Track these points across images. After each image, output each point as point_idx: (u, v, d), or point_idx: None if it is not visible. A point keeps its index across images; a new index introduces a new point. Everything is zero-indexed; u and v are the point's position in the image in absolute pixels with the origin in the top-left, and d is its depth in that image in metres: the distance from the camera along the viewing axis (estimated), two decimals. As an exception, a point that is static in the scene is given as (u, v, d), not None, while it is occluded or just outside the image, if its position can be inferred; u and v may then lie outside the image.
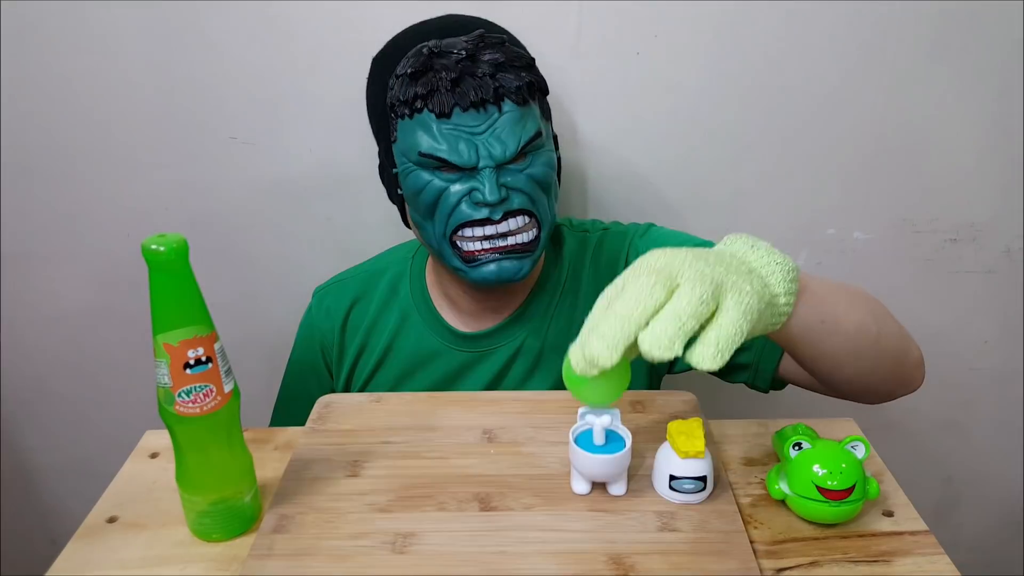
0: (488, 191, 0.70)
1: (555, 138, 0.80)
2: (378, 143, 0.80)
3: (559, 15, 0.91)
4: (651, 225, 0.85)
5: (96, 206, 1.00)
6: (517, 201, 0.72)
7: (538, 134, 0.73)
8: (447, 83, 0.69)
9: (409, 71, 0.71)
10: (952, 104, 0.97)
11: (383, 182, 0.83)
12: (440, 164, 0.71)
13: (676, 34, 0.92)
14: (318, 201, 1.01)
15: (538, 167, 0.73)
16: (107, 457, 0.74)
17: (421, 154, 0.71)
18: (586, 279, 0.84)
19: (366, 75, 0.95)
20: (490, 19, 0.92)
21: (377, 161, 0.83)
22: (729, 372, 0.80)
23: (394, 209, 0.89)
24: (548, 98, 0.78)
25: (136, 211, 1.01)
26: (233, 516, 0.55)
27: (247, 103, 0.95)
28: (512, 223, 0.72)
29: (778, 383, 0.79)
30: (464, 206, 0.71)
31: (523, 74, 0.71)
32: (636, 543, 0.52)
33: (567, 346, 0.83)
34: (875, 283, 1.08)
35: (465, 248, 0.73)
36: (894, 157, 1.00)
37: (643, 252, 0.82)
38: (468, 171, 0.71)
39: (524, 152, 0.72)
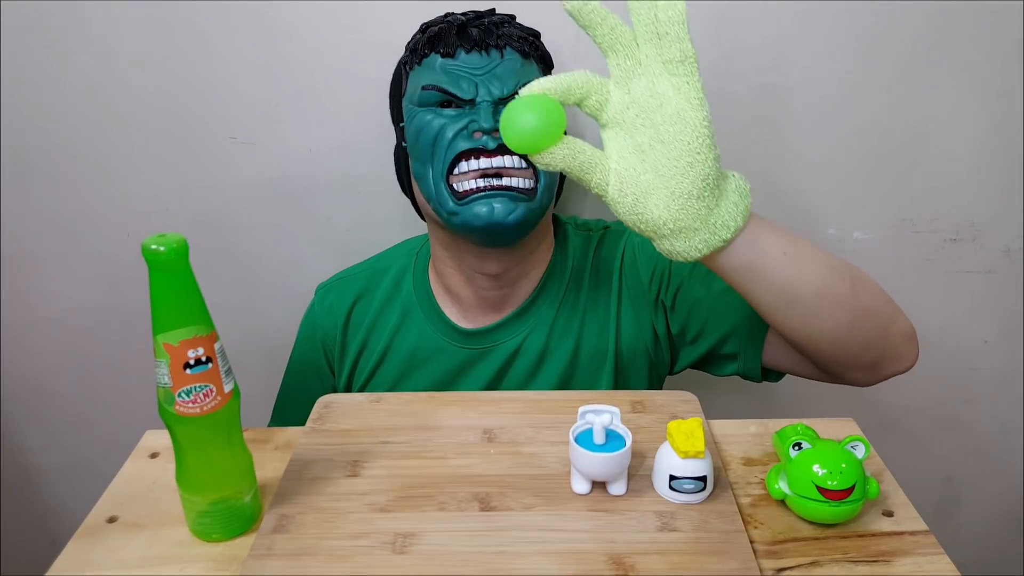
0: (484, 119, 0.72)
1: None
2: (395, 125, 0.83)
3: (559, 15, 0.91)
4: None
5: (96, 206, 1.00)
6: None
7: None
8: (455, 28, 0.75)
9: (422, 30, 0.79)
10: (952, 104, 0.97)
11: (397, 172, 0.84)
12: (441, 100, 0.74)
13: (676, 34, 0.92)
14: (318, 201, 1.01)
15: None
16: (107, 457, 0.74)
17: (424, 87, 0.74)
18: (587, 278, 0.84)
19: (366, 75, 0.95)
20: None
21: (393, 163, 0.85)
22: (718, 364, 0.81)
23: (393, 209, 0.90)
24: None
25: (136, 211, 1.01)
26: (233, 516, 0.55)
27: (247, 103, 0.95)
28: (508, 160, 0.73)
29: (772, 374, 0.79)
30: (461, 139, 0.73)
31: (528, 36, 0.78)
32: (636, 543, 0.52)
33: (570, 346, 0.84)
34: (875, 283, 1.09)
35: (460, 188, 0.73)
36: (894, 157, 1.00)
37: (639, 251, 0.82)
38: (467, 106, 0.74)
39: None
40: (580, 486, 0.57)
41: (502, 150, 0.72)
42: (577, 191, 1.02)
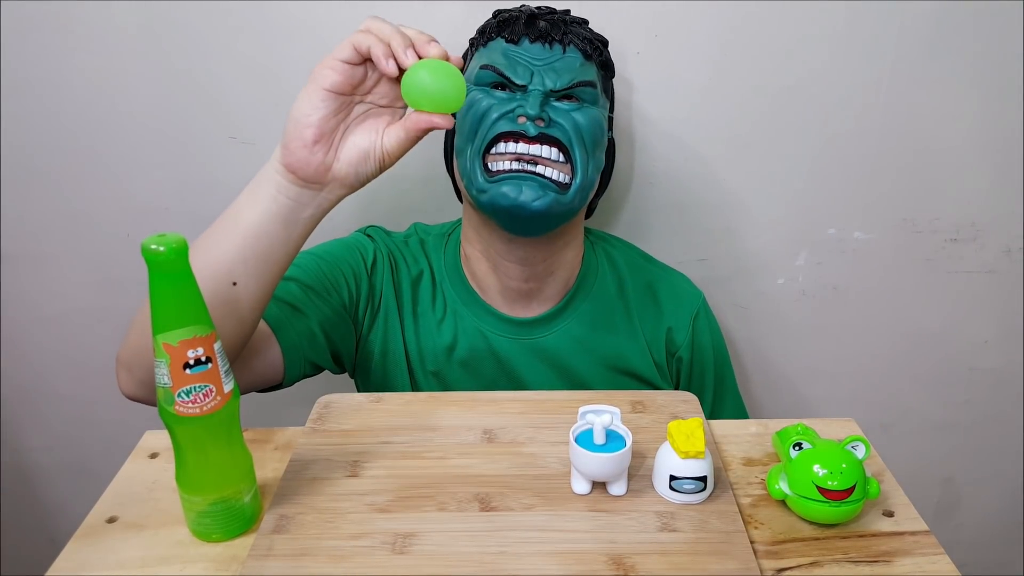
0: (530, 106, 0.73)
1: (610, 120, 0.83)
2: None
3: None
4: (707, 308, 0.91)
5: (96, 206, 1.00)
6: (556, 132, 0.73)
7: (593, 85, 0.76)
8: (524, 17, 0.77)
9: (495, 15, 0.80)
10: (952, 104, 0.97)
11: (444, 147, 0.86)
12: (495, 82, 0.75)
13: (676, 34, 0.92)
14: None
15: (585, 117, 0.75)
16: (107, 457, 0.74)
17: (482, 67, 0.76)
18: (633, 304, 0.87)
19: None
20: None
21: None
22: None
23: (393, 208, 0.89)
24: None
25: (136, 211, 1.01)
26: (233, 516, 0.54)
27: (247, 103, 0.95)
28: (545, 150, 0.73)
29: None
30: (504, 121, 0.74)
31: (595, 41, 0.78)
32: (636, 543, 0.52)
33: (585, 355, 0.85)
34: (875, 283, 1.09)
35: (494, 167, 0.74)
36: (894, 157, 1.00)
37: (699, 337, 0.88)
38: (519, 91, 0.75)
39: (575, 95, 0.75)
40: (580, 486, 0.57)
41: (542, 139, 0.73)
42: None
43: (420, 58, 0.59)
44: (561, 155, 0.74)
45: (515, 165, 0.73)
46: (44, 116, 0.95)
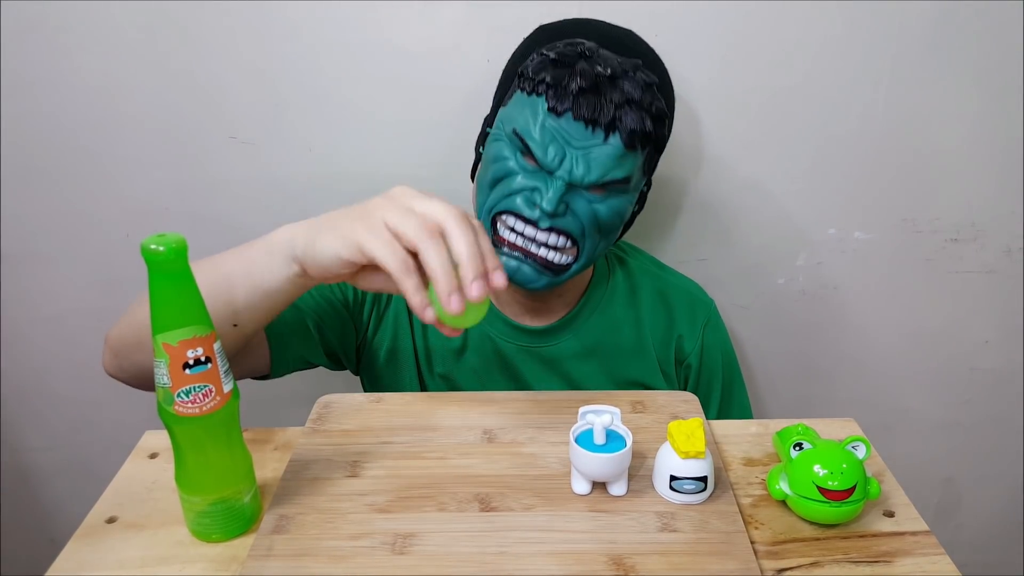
0: (547, 200, 0.70)
1: (645, 191, 0.81)
2: (494, 99, 0.82)
3: (559, 16, 0.91)
4: (717, 316, 0.90)
5: (96, 206, 1.00)
6: (569, 224, 0.72)
7: (626, 180, 0.73)
8: (576, 87, 0.69)
9: (553, 56, 0.71)
10: (952, 104, 0.97)
11: (477, 143, 0.84)
12: (524, 149, 0.72)
13: (676, 34, 0.92)
14: (318, 201, 1.01)
15: (607, 208, 0.73)
16: (107, 457, 0.74)
17: (515, 131, 0.72)
18: (646, 316, 0.87)
19: (366, 75, 0.95)
20: (491, 19, 0.92)
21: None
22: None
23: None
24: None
25: (136, 211, 1.01)
26: (232, 516, 0.54)
27: (247, 103, 0.95)
28: (552, 238, 0.72)
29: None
30: (520, 199, 0.72)
31: (648, 122, 0.71)
32: (636, 543, 0.52)
33: (594, 365, 0.85)
34: (875, 283, 1.09)
35: (500, 233, 0.74)
36: (894, 157, 1.00)
37: (708, 345, 0.87)
38: (545, 172, 0.71)
39: (603, 187, 0.72)
40: (580, 486, 0.57)
41: (551, 229, 0.72)
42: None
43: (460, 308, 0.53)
44: (568, 241, 0.73)
45: (519, 241, 0.73)
46: (44, 116, 0.95)
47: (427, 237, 0.52)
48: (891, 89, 0.96)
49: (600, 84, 0.69)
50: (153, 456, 0.64)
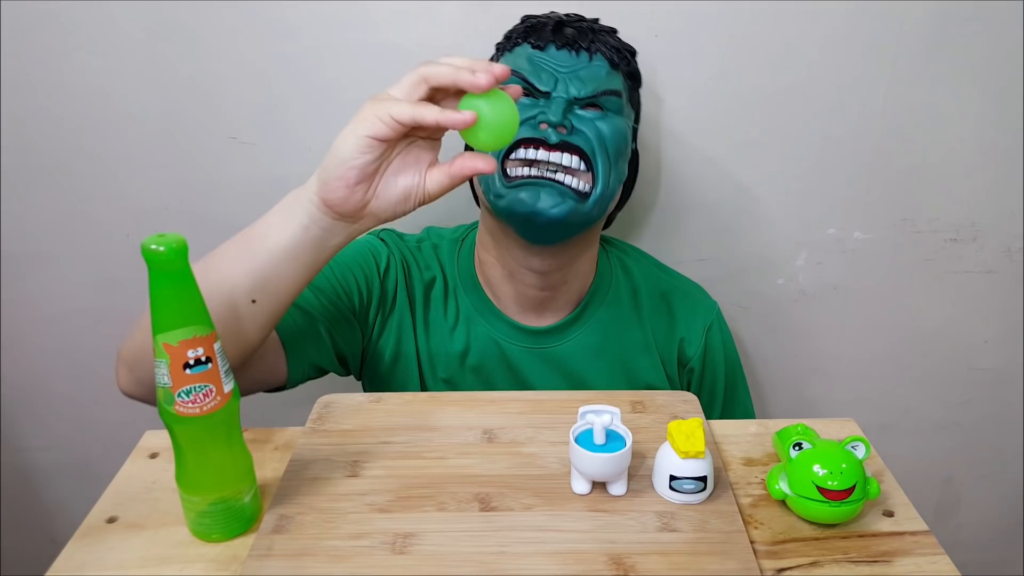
0: (552, 112, 0.72)
1: (635, 131, 0.82)
2: None
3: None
4: (721, 319, 0.90)
5: (96, 206, 1.00)
6: (578, 139, 0.72)
7: (617, 94, 0.75)
8: (551, 24, 0.76)
9: (522, 20, 0.80)
10: (952, 104, 0.97)
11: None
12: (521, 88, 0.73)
13: (676, 34, 0.92)
14: (318, 201, 1.01)
15: (610, 127, 0.74)
16: (107, 457, 0.74)
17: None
18: (646, 314, 0.87)
19: (366, 75, 0.95)
20: (491, 19, 0.92)
21: None
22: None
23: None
24: None
25: (136, 211, 1.01)
26: (233, 516, 0.54)
27: (247, 103, 0.95)
28: (566, 159, 0.72)
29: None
30: (525, 127, 0.72)
31: (622, 51, 0.78)
32: (636, 543, 0.52)
33: (597, 365, 0.85)
34: (875, 283, 1.09)
35: (512, 172, 0.73)
36: (894, 157, 1.00)
37: (711, 349, 0.88)
38: (543, 98, 0.73)
39: (599, 104, 0.74)
40: (580, 486, 0.57)
41: (564, 147, 0.72)
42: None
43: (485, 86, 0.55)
44: (583, 164, 0.73)
45: (534, 171, 0.72)
46: (44, 116, 0.95)
47: (422, 74, 0.56)
48: (891, 89, 0.96)
49: (572, 20, 0.78)
50: (153, 456, 0.64)
